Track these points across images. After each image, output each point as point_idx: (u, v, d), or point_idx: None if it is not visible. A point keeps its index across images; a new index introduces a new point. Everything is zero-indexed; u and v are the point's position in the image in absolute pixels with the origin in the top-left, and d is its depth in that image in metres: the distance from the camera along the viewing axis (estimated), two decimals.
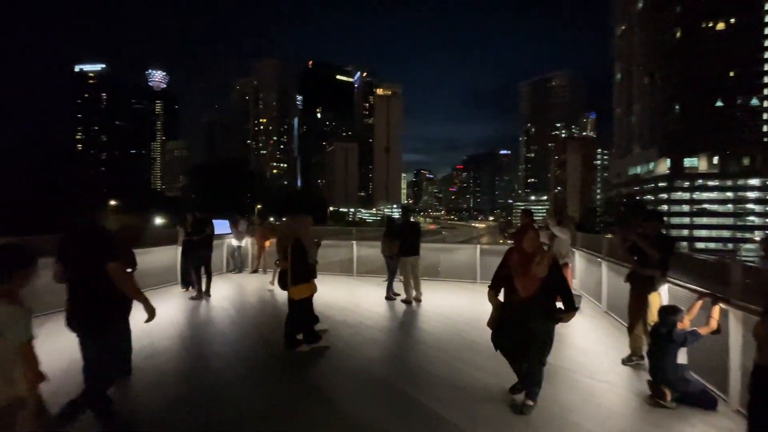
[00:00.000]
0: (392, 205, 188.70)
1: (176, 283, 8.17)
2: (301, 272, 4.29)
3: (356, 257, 9.22)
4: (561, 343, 4.78)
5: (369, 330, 5.36)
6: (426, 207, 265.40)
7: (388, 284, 7.08)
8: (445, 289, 7.79)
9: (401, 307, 6.61)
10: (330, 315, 5.89)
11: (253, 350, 4.59)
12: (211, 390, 3.59)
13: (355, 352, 4.50)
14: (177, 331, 5.36)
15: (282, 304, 6.52)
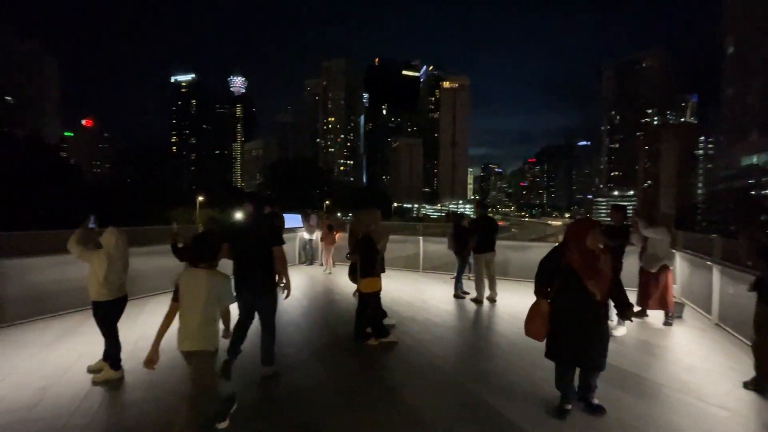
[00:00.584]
0: (458, 201, 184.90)
1: None
2: (371, 266, 4.28)
3: (422, 253, 9.07)
4: (659, 358, 4.20)
5: (438, 328, 5.20)
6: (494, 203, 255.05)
7: (457, 282, 6.84)
8: (518, 290, 7.31)
9: (471, 306, 6.33)
10: (397, 310, 5.84)
11: (322, 341, 4.69)
12: (282, 377, 3.71)
13: (423, 350, 4.38)
14: None
15: (350, 297, 6.63)
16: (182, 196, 61.25)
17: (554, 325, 2.93)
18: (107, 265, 3.47)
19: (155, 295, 6.74)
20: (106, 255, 3.48)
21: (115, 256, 3.52)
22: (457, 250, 6.79)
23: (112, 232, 3.59)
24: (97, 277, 3.47)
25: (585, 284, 2.84)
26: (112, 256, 3.50)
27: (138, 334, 4.74)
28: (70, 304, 5.64)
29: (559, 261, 2.97)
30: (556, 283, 2.97)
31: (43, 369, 3.82)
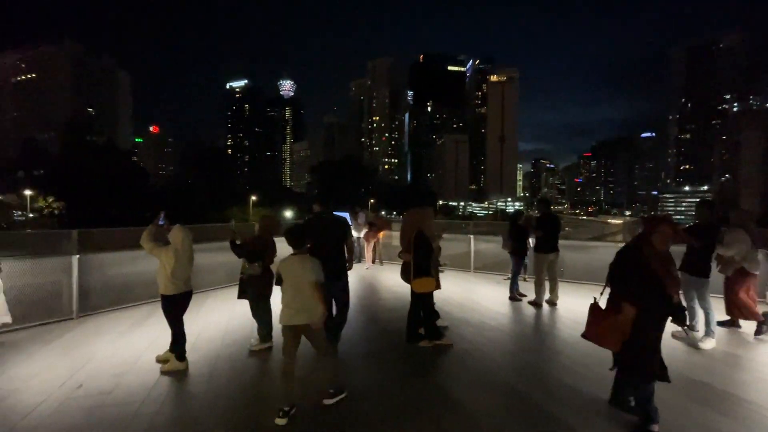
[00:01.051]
0: (506, 199, 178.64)
1: None
2: (424, 265, 4.13)
3: (473, 252, 8.75)
4: (747, 372, 3.68)
5: (493, 331, 4.94)
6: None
7: (512, 283, 6.48)
8: (578, 293, 6.79)
9: (529, 309, 5.97)
10: (449, 311, 5.63)
11: (372, 341, 4.61)
12: None
13: (479, 354, 4.16)
14: None
15: (402, 297, 6.52)
16: (237, 196, 64.83)
17: (637, 334, 2.61)
18: (174, 260, 3.63)
19: (214, 289, 7.08)
20: (174, 251, 3.65)
21: (181, 253, 3.68)
22: (513, 250, 6.44)
23: (179, 229, 3.76)
24: (166, 272, 3.64)
25: (665, 287, 2.53)
26: (179, 252, 3.66)
27: (200, 327, 4.97)
28: (142, 296, 6.06)
29: (638, 261, 2.66)
30: (634, 286, 2.66)
31: (118, 356, 4.10)
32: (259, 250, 4.15)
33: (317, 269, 3.00)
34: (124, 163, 60.48)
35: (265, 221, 4.45)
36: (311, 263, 3.02)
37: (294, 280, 2.98)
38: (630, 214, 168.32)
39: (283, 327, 3.02)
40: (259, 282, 4.16)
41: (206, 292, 6.87)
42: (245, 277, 4.20)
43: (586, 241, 17.15)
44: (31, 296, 4.97)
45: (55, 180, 49.98)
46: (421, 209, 4.36)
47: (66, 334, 4.75)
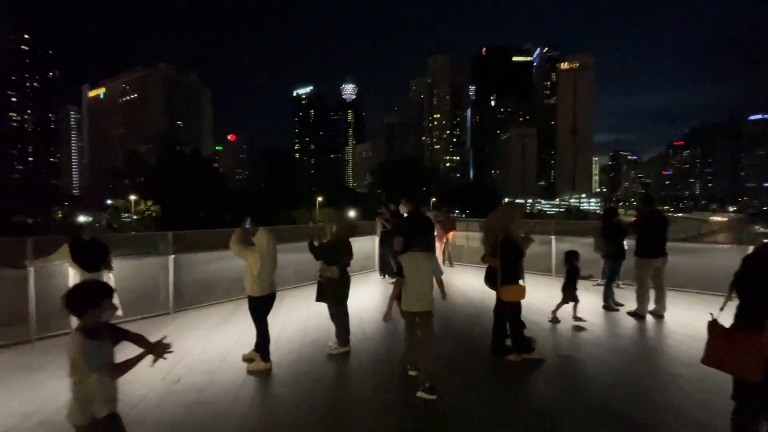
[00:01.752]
0: (580, 195, 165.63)
1: (374, 270, 8.90)
2: (513, 271, 3.77)
3: (555, 254, 8.02)
4: None
5: (590, 346, 4.39)
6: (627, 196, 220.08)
7: (607, 290, 5.77)
8: (686, 304, 5.85)
9: (629, 321, 5.25)
10: (534, 321, 5.15)
11: (453, 352, 4.32)
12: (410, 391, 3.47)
13: (576, 372, 3.69)
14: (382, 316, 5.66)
15: (478, 302, 6.15)
16: (304, 197, 68.19)
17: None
18: (260, 263, 3.71)
19: (291, 288, 7.29)
20: (260, 254, 3.73)
21: (266, 255, 3.75)
22: (608, 253, 5.72)
23: (263, 233, 3.84)
24: (252, 274, 3.73)
25: None
26: (264, 254, 3.74)
27: (280, 326, 5.10)
28: (227, 293, 6.42)
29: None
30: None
31: (209, 352, 4.32)
32: (337, 253, 4.11)
33: (436, 264, 3.47)
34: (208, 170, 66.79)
35: (342, 224, 4.42)
36: (431, 259, 3.47)
37: (416, 273, 3.40)
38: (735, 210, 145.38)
39: (404, 312, 3.52)
40: (337, 285, 4.13)
41: (283, 291, 7.10)
42: (323, 280, 4.18)
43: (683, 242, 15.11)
44: (134, 292, 5.49)
45: (152, 186, 56.74)
46: (509, 208, 4.00)
47: (164, 328, 5.15)
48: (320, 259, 4.17)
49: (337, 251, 4.13)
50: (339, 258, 4.12)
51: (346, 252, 4.21)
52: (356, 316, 5.36)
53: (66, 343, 1.94)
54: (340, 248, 4.16)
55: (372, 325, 5.22)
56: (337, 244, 4.18)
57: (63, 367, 3.82)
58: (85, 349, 1.84)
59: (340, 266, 4.12)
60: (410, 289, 3.41)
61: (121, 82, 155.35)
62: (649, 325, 5.07)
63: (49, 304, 4.80)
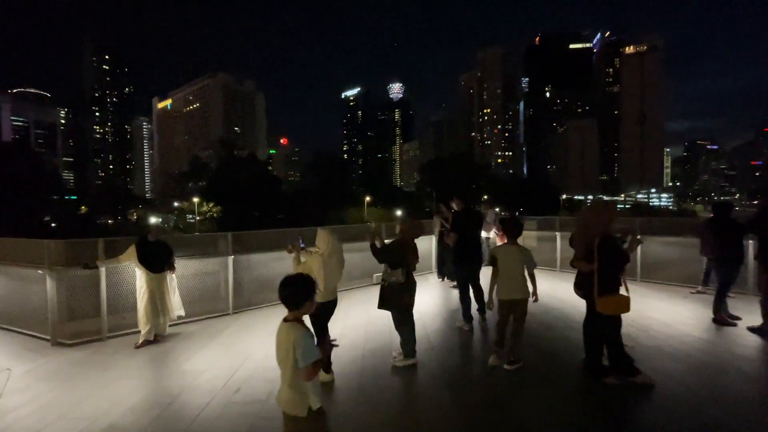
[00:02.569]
0: (650, 190, 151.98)
1: (432, 272, 8.46)
2: (613, 279, 3.15)
3: (640, 257, 7.03)
4: None
5: (708, 368, 3.62)
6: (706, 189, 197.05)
7: (718, 300, 4.83)
8: None
9: (749, 337, 4.33)
10: (631, 335, 4.39)
11: (535, 369, 3.76)
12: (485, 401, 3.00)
13: (699, 403, 2.98)
14: (447, 324, 5.20)
15: (554, 309, 5.49)
16: (352, 197, 69.11)
17: None
18: (324, 268, 3.44)
19: (347, 290, 7.06)
20: (321, 259, 3.46)
21: (327, 258, 3.48)
22: (721, 258, 4.78)
23: (324, 234, 3.56)
24: None
25: None
26: (325, 257, 3.47)
27: (340, 331, 4.84)
28: None
29: None
30: None
31: (269, 358, 4.11)
32: (403, 255, 3.74)
33: (528, 256, 3.61)
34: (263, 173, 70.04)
35: (407, 224, 4.02)
36: (524, 251, 3.62)
37: (509, 265, 3.63)
38: None
39: (500, 300, 3.71)
40: (403, 291, 3.74)
41: (341, 292, 6.88)
42: (386, 285, 3.81)
43: None
44: (196, 291, 5.53)
45: (213, 189, 60.58)
46: (603, 204, 3.36)
47: (226, 330, 5.12)
48: (384, 262, 3.81)
49: (403, 253, 3.75)
50: (405, 260, 3.73)
51: (412, 254, 3.82)
52: (419, 322, 4.96)
53: (283, 332, 2.00)
54: (406, 249, 3.77)
55: (438, 334, 4.81)
56: (402, 245, 3.80)
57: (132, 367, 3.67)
58: (305, 341, 1.88)
59: (406, 269, 3.74)
60: (505, 279, 3.70)
61: (185, 93, 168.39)
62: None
63: (120, 302, 4.94)
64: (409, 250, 3.79)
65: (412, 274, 3.83)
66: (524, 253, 3.69)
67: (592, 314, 3.28)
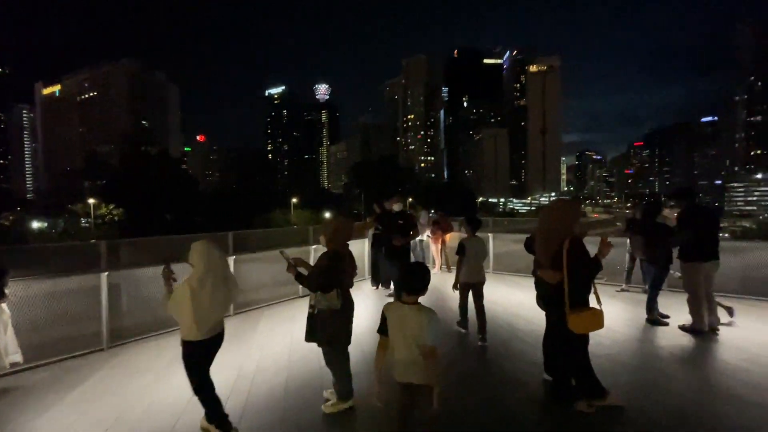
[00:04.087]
0: (550, 194, 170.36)
1: (365, 279, 7.77)
2: (584, 290, 2.73)
3: None
4: None
5: (663, 376, 3.42)
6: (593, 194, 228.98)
7: (650, 300, 4.87)
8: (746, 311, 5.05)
9: (683, 338, 4.34)
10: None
11: (500, 394, 3.24)
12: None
13: (669, 418, 2.69)
14: None
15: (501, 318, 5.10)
16: (278, 199, 65.88)
17: None
18: (198, 292, 2.49)
19: (267, 306, 6.00)
20: (189, 286, 2.50)
21: (200, 284, 2.52)
22: (653, 257, 4.82)
23: (197, 251, 2.57)
24: (187, 308, 2.49)
25: None
26: (197, 284, 2.52)
27: (256, 363, 3.85)
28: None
29: None
30: None
31: (153, 415, 3.04)
32: (337, 272, 2.88)
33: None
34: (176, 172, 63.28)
35: (336, 227, 3.05)
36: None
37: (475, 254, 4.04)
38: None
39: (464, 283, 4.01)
40: (337, 319, 2.87)
41: (259, 309, 5.81)
42: (315, 312, 2.91)
43: None
44: (52, 325, 4.06)
45: (115, 189, 53.00)
46: (571, 205, 2.95)
47: (94, 374, 3.78)
48: (318, 289, 2.88)
49: (337, 267, 2.90)
50: (340, 279, 2.89)
51: (349, 266, 2.99)
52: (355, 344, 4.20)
53: (413, 312, 2.12)
54: (340, 262, 2.93)
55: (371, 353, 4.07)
56: (335, 257, 2.93)
57: None
58: (437, 323, 2.12)
59: (342, 291, 2.90)
60: (469, 265, 4.32)
61: (79, 79, 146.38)
62: (705, 342, 4.17)
63: None
64: (344, 261, 2.95)
65: (349, 294, 3.00)
66: (485, 245, 4.59)
67: (558, 331, 2.82)
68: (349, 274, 2.95)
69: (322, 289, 2.81)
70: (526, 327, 4.79)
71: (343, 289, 2.88)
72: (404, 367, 2.11)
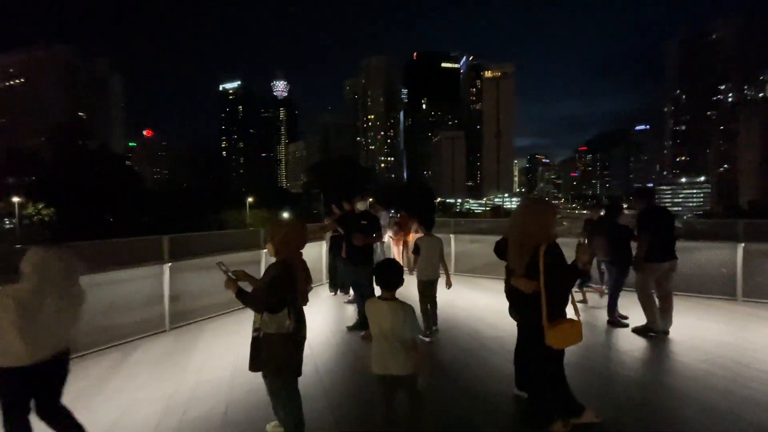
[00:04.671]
0: (504, 195, 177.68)
1: (322, 284, 7.33)
2: (562, 300, 2.50)
3: None
4: None
5: (631, 382, 3.31)
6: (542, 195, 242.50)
7: (611, 301, 4.86)
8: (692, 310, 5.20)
9: (643, 341, 4.32)
10: None
11: (468, 415, 2.96)
12: None
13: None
14: (346, 360, 4.09)
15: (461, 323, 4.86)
16: (233, 198, 62.89)
17: None
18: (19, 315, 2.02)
19: (209, 318, 5.37)
20: (13, 301, 2.02)
21: (33, 296, 2.07)
22: (615, 258, 4.79)
23: (30, 260, 2.10)
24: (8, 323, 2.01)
25: None
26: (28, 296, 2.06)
27: (190, 388, 3.29)
28: (124, 333, 4.38)
29: None
30: None
31: None
32: (288, 286, 2.32)
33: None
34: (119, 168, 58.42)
35: (287, 232, 2.44)
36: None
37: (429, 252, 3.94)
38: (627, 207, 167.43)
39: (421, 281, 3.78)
40: (286, 344, 2.32)
41: (200, 323, 5.17)
42: (261, 336, 2.33)
43: None
44: None
45: (45, 186, 47.88)
46: (544, 205, 2.70)
47: None
48: (265, 310, 2.32)
49: (289, 281, 2.31)
50: (292, 296, 2.37)
51: (302, 279, 2.43)
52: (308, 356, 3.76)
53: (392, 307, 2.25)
54: (292, 274, 2.34)
55: (334, 372, 3.65)
56: (286, 269, 2.32)
57: None
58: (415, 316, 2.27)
59: (294, 309, 2.36)
60: (424, 263, 4.43)
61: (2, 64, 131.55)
62: (660, 343, 4.16)
63: None
64: (296, 272, 2.39)
65: (302, 314, 2.47)
66: (440, 243, 4.58)
67: (533, 345, 2.57)
68: (302, 290, 2.44)
69: (269, 309, 2.30)
70: (492, 333, 4.59)
71: (296, 308, 2.38)
72: (383, 359, 2.21)
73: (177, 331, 4.84)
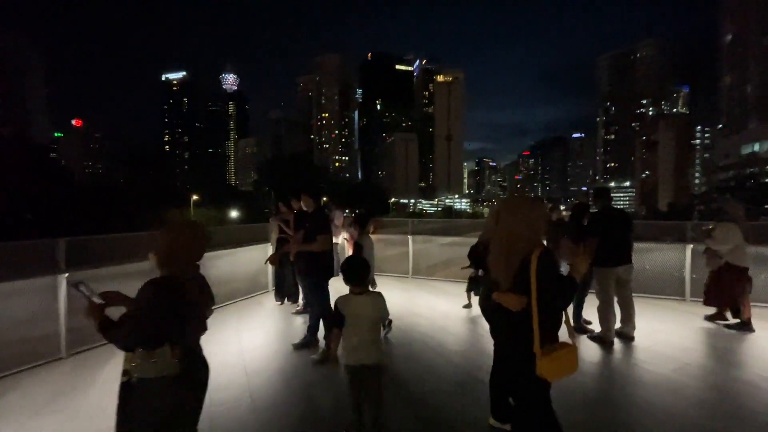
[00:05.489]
0: (454, 196, 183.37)
1: (266, 292, 6.59)
2: (556, 321, 2.08)
3: None
4: None
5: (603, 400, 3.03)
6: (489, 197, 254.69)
7: (576, 307, 4.66)
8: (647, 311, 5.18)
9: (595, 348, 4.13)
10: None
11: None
12: None
13: None
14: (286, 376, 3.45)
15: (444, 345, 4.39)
16: (176, 196, 58.39)
17: None
18: None
19: None
20: None
21: None
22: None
23: None
24: None
25: None
26: None
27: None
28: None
29: None
30: None
31: None
32: (170, 314, 1.60)
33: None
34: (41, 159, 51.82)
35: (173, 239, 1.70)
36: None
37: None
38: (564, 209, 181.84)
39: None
40: (173, 392, 1.60)
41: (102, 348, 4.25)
42: (136, 381, 1.57)
43: None
44: None
45: None
46: (534, 201, 2.25)
47: None
48: (135, 346, 1.58)
49: (172, 309, 1.60)
50: (180, 325, 1.64)
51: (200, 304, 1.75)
52: (242, 387, 3.10)
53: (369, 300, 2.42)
54: (178, 299, 1.62)
55: (277, 407, 3.01)
56: (169, 293, 1.61)
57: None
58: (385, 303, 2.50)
59: (180, 344, 1.64)
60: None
61: None
62: (619, 350, 4.00)
63: None
64: (186, 294, 1.65)
65: (199, 350, 1.77)
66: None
67: (521, 375, 2.10)
68: (198, 316, 1.73)
69: (142, 344, 1.59)
70: (458, 347, 4.19)
71: (186, 341, 1.67)
72: (357, 351, 2.36)
73: (75, 358, 3.90)
